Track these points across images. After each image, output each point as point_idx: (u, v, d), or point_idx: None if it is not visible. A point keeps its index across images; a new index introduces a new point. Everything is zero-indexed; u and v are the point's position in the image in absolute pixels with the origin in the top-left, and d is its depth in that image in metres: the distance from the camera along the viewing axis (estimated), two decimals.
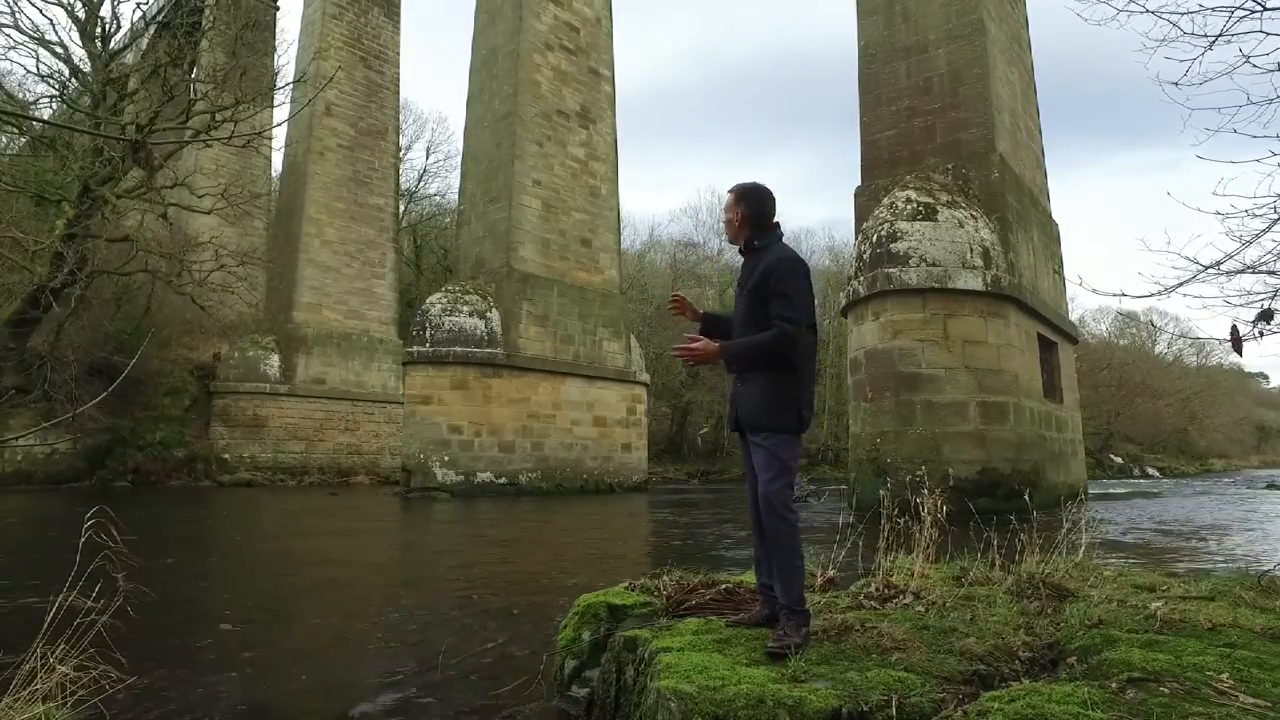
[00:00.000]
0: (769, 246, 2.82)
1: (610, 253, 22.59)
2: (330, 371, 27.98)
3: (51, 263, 18.55)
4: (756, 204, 2.88)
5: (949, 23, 14.16)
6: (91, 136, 20.60)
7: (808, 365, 2.78)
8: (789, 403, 2.71)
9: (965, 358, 11.64)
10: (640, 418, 22.49)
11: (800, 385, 2.74)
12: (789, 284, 2.69)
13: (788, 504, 2.67)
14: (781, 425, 2.70)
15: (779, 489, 2.66)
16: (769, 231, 2.86)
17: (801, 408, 2.73)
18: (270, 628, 4.28)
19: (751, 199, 2.89)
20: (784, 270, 2.70)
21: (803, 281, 2.71)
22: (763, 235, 2.85)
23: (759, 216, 2.87)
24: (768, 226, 2.87)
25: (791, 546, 2.65)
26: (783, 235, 2.90)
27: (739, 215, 2.90)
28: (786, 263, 2.71)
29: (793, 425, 2.71)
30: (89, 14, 22.25)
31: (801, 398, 2.74)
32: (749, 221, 2.88)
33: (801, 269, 2.75)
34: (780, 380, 2.71)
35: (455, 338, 18.26)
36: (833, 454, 36.36)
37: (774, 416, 2.71)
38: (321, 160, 28.52)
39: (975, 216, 12.34)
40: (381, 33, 31.32)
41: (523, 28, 20.72)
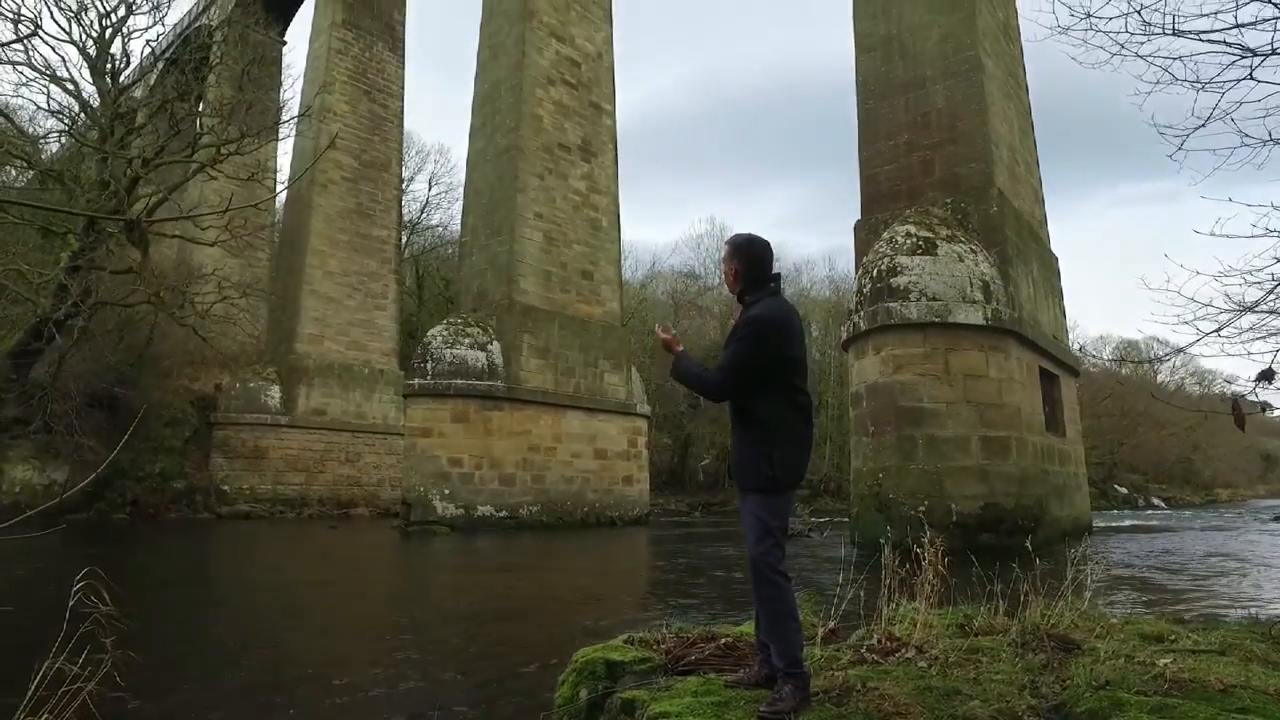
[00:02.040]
0: (757, 302, 2.82)
1: (611, 285, 22.67)
2: (331, 402, 27.95)
3: (55, 294, 18.66)
4: (750, 260, 2.88)
5: (946, 59, 14.32)
6: (98, 168, 20.90)
7: (785, 425, 2.71)
8: (762, 461, 2.68)
9: (966, 392, 11.60)
10: (641, 450, 22.40)
11: (774, 444, 2.69)
12: (740, 341, 2.73)
13: (774, 566, 2.63)
14: (755, 484, 2.68)
15: (763, 551, 2.63)
16: (761, 286, 2.86)
17: (775, 467, 2.67)
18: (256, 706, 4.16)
19: (745, 254, 2.89)
20: (746, 330, 2.73)
21: (757, 342, 2.69)
22: (754, 290, 2.86)
23: (751, 272, 2.88)
24: (760, 281, 2.87)
25: (783, 609, 2.61)
26: (777, 289, 2.89)
27: (732, 270, 2.92)
28: (754, 323, 2.72)
29: (765, 485, 2.67)
30: (100, 51, 22.62)
31: (775, 456, 2.68)
32: (742, 276, 2.89)
33: (768, 329, 2.71)
34: (752, 437, 2.71)
35: (456, 370, 18.26)
36: (834, 485, 36.14)
37: (747, 475, 2.71)
38: (325, 192, 28.76)
39: (975, 251, 12.37)
40: (386, 67, 31.75)
41: (525, 63, 20.99)
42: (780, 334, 2.71)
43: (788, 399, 2.72)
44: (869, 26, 15.45)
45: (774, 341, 2.69)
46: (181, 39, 32.32)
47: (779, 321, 2.72)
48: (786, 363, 2.72)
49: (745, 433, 2.73)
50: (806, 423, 2.77)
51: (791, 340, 2.74)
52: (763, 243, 2.94)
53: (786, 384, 2.73)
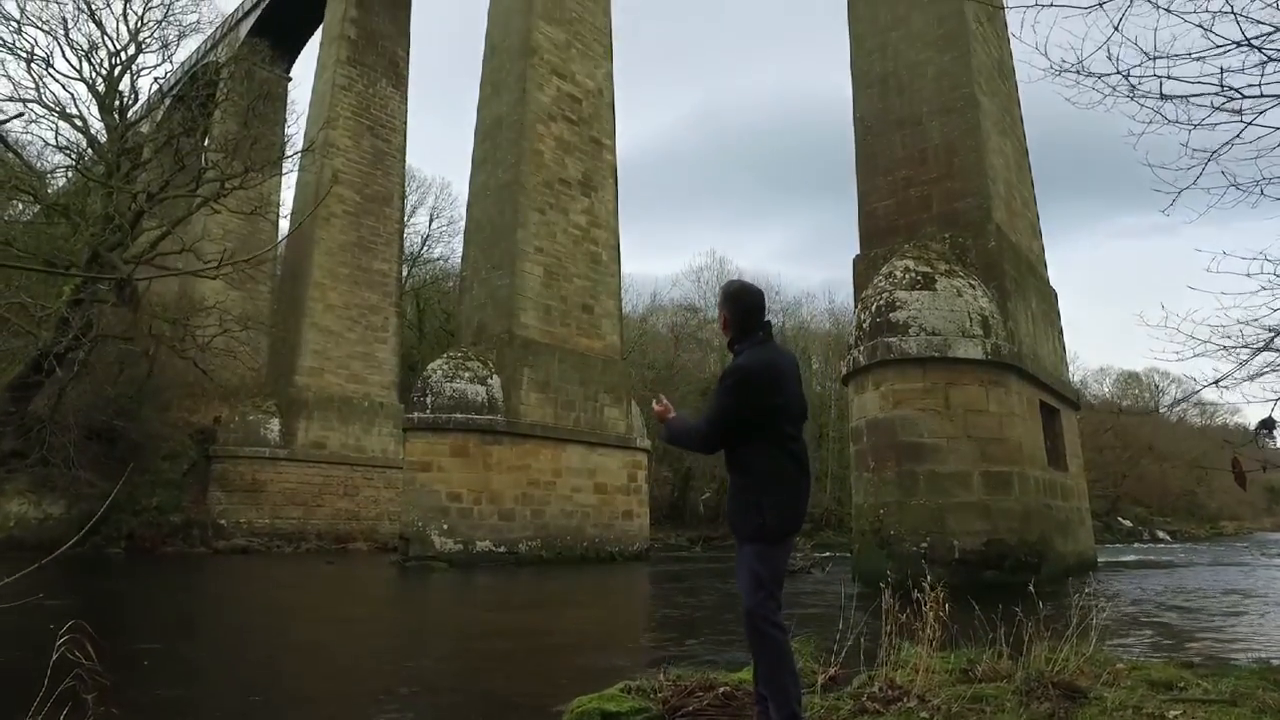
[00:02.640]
0: (744, 350, 2.82)
1: (611, 319, 22.72)
2: (330, 436, 27.86)
3: (56, 327, 18.70)
4: (739, 309, 2.90)
5: (941, 96, 14.49)
6: (103, 203, 21.08)
7: (778, 474, 2.69)
8: (755, 511, 2.66)
9: (967, 427, 11.55)
10: (641, 484, 22.26)
11: (767, 493, 2.66)
12: (723, 392, 2.74)
13: (769, 618, 2.59)
14: (749, 534, 2.66)
15: (757, 603, 2.60)
16: (749, 335, 2.87)
17: (768, 516, 2.65)
18: None
19: (735, 303, 2.91)
20: (730, 380, 2.73)
21: (739, 392, 2.69)
22: (743, 339, 2.87)
23: (741, 320, 2.88)
24: (750, 329, 2.87)
25: (778, 662, 2.56)
26: (767, 338, 2.88)
27: (723, 317, 2.93)
28: (736, 372, 2.73)
29: (758, 534, 2.65)
30: (109, 88, 22.96)
31: (768, 505, 2.66)
32: (731, 325, 2.91)
33: (750, 378, 2.71)
34: (745, 486, 2.70)
35: (456, 404, 18.21)
36: (836, 518, 35.87)
37: (741, 525, 2.70)
38: (327, 226, 28.95)
39: (974, 285, 12.41)
40: (389, 103, 32.17)
41: (526, 99, 21.26)
42: (765, 383, 2.70)
43: (780, 447, 2.70)
44: (866, 64, 15.67)
45: (758, 391, 2.68)
46: (189, 76, 32.84)
47: (763, 370, 2.72)
48: (775, 411, 2.70)
49: (738, 482, 2.71)
50: (801, 470, 2.74)
51: (779, 388, 2.73)
52: (755, 291, 2.95)
53: (778, 432, 2.71)
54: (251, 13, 36.01)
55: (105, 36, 22.70)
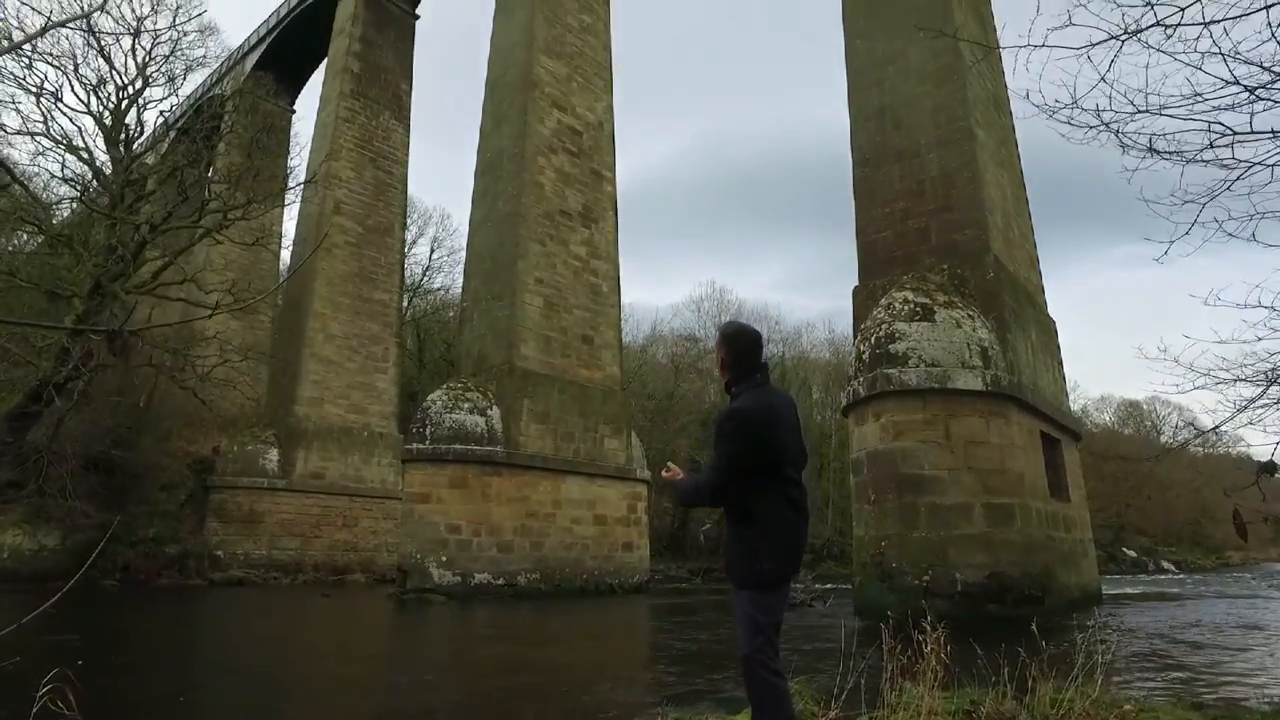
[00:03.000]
0: (742, 394, 2.81)
1: (612, 349, 22.74)
2: (329, 466, 27.75)
3: (56, 357, 18.71)
4: (736, 351, 2.89)
5: (938, 129, 14.64)
6: (106, 234, 21.24)
7: (776, 519, 2.66)
8: (752, 557, 2.64)
9: (968, 459, 11.49)
10: (641, 516, 22.12)
11: (765, 538, 2.64)
12: (725, 439, 2.70)
13: (766, 664, 2.55)
14: (746, 580, 2.63)
15: (754, 650, 2.56)
16: (747, 377, 2.86)
17: (763, 563, 2.63)
18: None
19: (732, 345, 2.90)
20: (726, 427, 2.71)
21: (742, 438, 2.66)
22: (740, 380, 2.86)
23: (738, 362, 2.87)
24: (747, 371, 2.86)
25: (776, 707, 2.53)
26: (765, 380, 2.87)
27: (720, 359, 2.92)
28: (735, 417, 2.70)
29: (752, 580, 2.63)
30: (115, 121, 23.23)
31: (763, 552, 2.63)
32: (728, 367, 2.90)
33: (749, 423, 2.68)
34: (740, 533, 2.67)
35: (455, 435, 18.16)
36: (837, 549, 35.60)
37: (738, 571, 2.68)
38: (329, 256, 29.10)
39: (973, 316, 12.42)
40: (392, 135, 32.51)
41: (527, 132, 21.48)
42: (764, 426, 2.68)
43: (779, 491, 2.68)
44: (864, 97, 15.85)
45: (759, 435, 2.66)
46: (194, 109, 33.24)
47: (762, 414, 2.70)
48: (775, 455, 2.68)
49: (736, 527, 2.69)
50: (799, 515, 2.72)
51: (778, 431, 2.71)
52: (751, 333, 2.94)
53: (778, 476, 2.69)
54: (257, 47, 36.60)
55: (114, 71, 23.03)
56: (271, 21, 36.77)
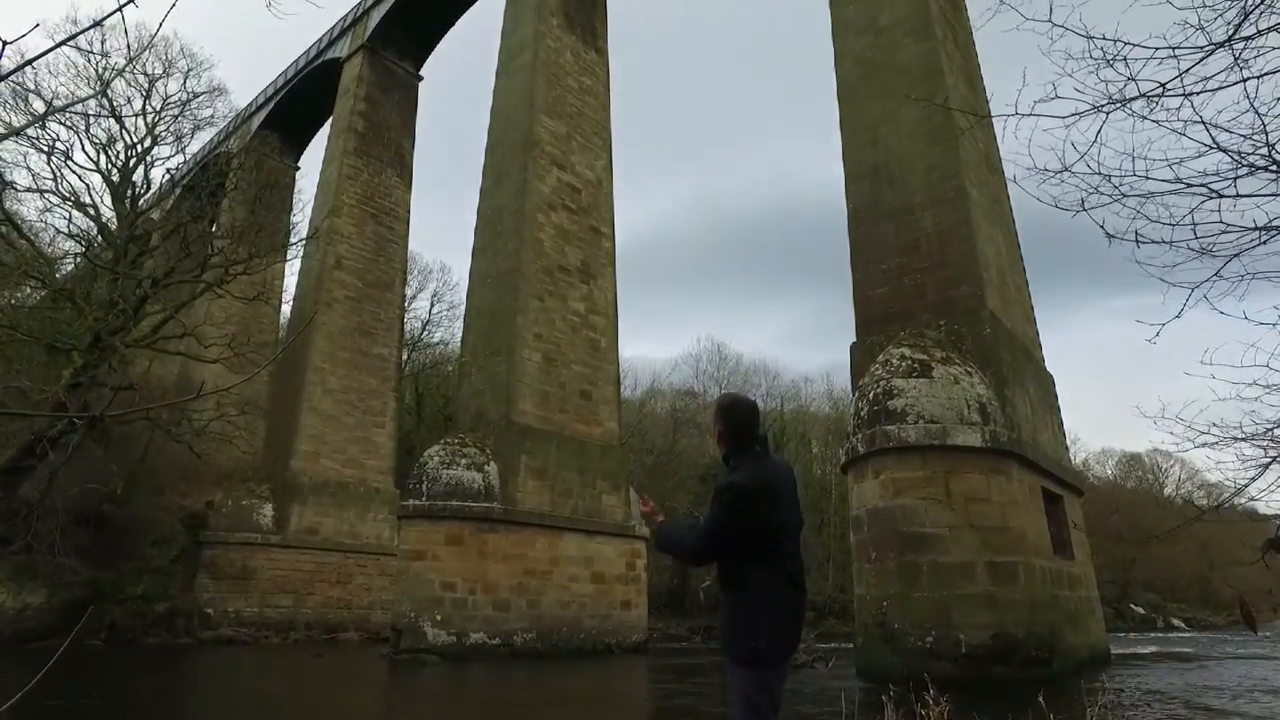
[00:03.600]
0: (739, 466, 2.79)
1: (610, 405, 22.70)
2: (324, 521, 27.42)
3: (53, 410, 18.62)
4: (732, 423, 2.87)
5: (932, 187, 14.87)
6: (109, 288, 21.39)
7: (772, 594, 2.60)
8: (746, 633, 2.58)
9: (969, 516, 11.37)
10: (640, 573, 21.78)
11: (762, 614, 2.58)
12: (720, 507, 2.67)
13: None
14: (742, 657, 2.57)
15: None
16: (744, 449, 2.83)
17: (759, 641, 2.56)
18: None
19: (728, 417, 2.88)
20: (725, 496, 2.68)
21: (735, 509, 2.63)
22: (737, 453, 2.84)
23: (735, 434, 2.86)
24: (744, 443, 2.84)
25: None
26: (763, 452, 2.85)
27: (717, 432, 2.90)
28: (731, 489, 2.68)
29: (748, 658, 2.56)
30: (123, 179, 23.63)
31: (759, 629, 2.57)
32: (725, 439, 2.87)
33: (746, 495, 2.65)
34: (738, 607, 2.61)
35: (452, 491, 17.99)
36: (839, 606, 34.96)
37: (734, 647, 2.61)
38: (329, 311, 29.26)
39: (970, 372, 12.44)
40: (393, 191, 33.01)
41: (527, 189, 21.82)
42: (761, 500, 2.65)
43: (775, 565, 2.63)
44: (858, 156, 16.15)
45: (753, 508, 2.63)
46: (200, 166, 33.84)
47: (759, 488, 2.67)
48: (772, 529, 2.65)
49: (732, 601, 2.63)
50: (797, 590, 2.66)
51: (775, 505, 2.67)
52: (747, 405, 2.93)
53: (775, 550, 2.64)
54: (264, 107, 37.44)
55: (124, 130, 23.50)
56: (279, 82, 37.70)
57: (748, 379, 45.55)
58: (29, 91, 22.07)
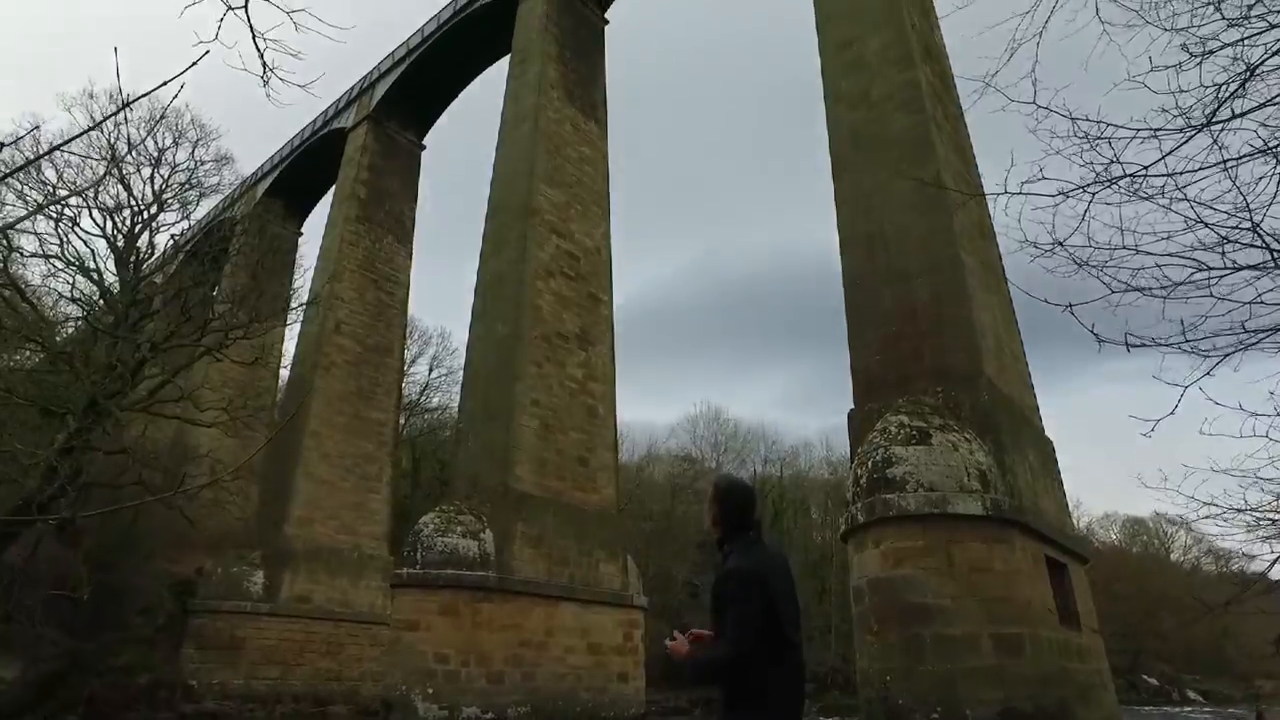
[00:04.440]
0: (734, 552, 2.73)
1: (608, 472, 22.53)
2: (316, 589, 26.89)
3: (43, 475, 18.42)
4: (728, 507, 2.83)
5: (926, 255, 15.03)
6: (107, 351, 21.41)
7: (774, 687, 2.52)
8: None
9: (972, 586, 11.16)
10: (637, 644, 21.25)
11: (764, 708, 2.48)
12: (734, 603, 2.57)
13: None
14: None
15: None
16: (740, 533, 2.79)
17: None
18: None
19: (724, 501, 2.84)
20: (730, 589, 2.60)
21: (749, 602, 2.54)
22: (733, 538, 2.79)
23: (729, 519, 2.81)
24: (739, 529, 2.80)
25: None
26: (757, 538, 2.80)
27: (711, 516, 2.86)
28: (734, 579, 2.61)
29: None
30: (127, 244, 23.91)
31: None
32: (719, 523, 2.83)
33: (751, 585, 2.57)
34: (738, 701, 2.50)
35: (447, 560, 17.69)
36: (842, 677, 34.05)
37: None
38: (327, 375, 29.29)
39: (969, 439, 12.37)
40: (394, 257, 33.43)
41: (527, 257, 22.09)
42: (763, 587, 2.60)
43: (776, 655, 2.55)
44: (852, 224, 16.36)
45: (759, 595, 2.57)
46: (204, 231, 34.31)
47: (760, 575, 2.62)
48: (773, 619, 2.58)
49: (731, 695, 2.53)
50: (798, 682, 2.58)
51: (775, 593, 2.62)
52: (744, 489, 2.89)
53: (776, 639, 2.57)
54: (269, 175, 38.24)
55: (131, 197, 23.88)
56: (285, 150, 38.58)
57: (746, 444, 45.36)
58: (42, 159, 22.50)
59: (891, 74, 16.96)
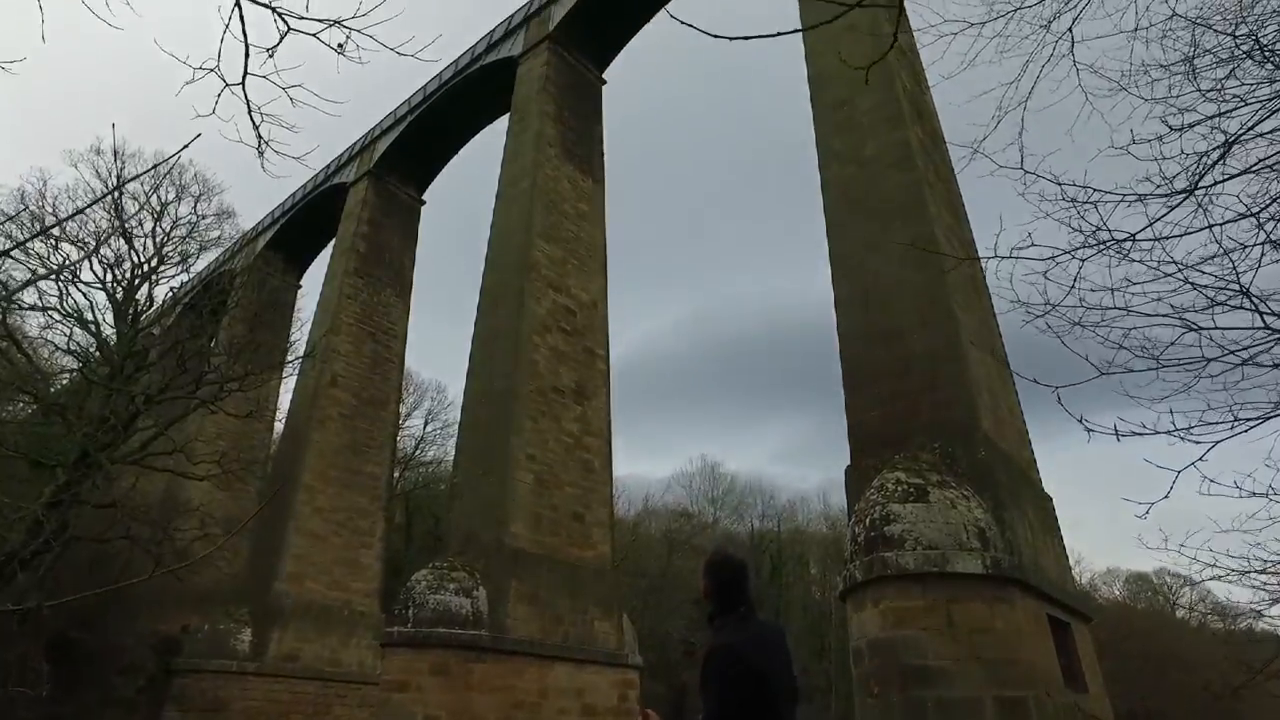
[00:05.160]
0: (723, 627, 2.69)
1: (603, 527, 22.28)
2: (305, 647, 26.27)
3: (29, 529, 18.12)
4: (719, 582, 2.81)
5: (920, 311, 15.11)
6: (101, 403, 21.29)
7: None
8: None
9: (974, 648, 10.94)
10: (633, 705, 20.70)
11: None
12: (708, 685, 2.53)
13: None
14: None
15: None
16: (730, 609, 2.75)
17: None
18: None
19: (715, 575, 2.82)
20: (711, 668, 2.56)
21: (730, 683, 2.49)
22: (723, 613, 2.75)
23: (721, 593, 2.78)
24: (731, 603, 2.76)
25: None
26: (748, 614, 2.75)
27: (704, 588, 2.83)
28: (716, 658, 2.57)
29: None
30: (126, 297, 24.01)
31: None
32: (710, 597, 2.80)
33: (736, 663, 2.53)
34: None
35: (439, 618, 17.34)
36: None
37: None
38: (322, 428, 29.13)
39: (967, 496, 12.28)
40: (392, 311, 33.57)
41: (524, 312, 22.19)
42: (750, 664, 2.55)
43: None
44: (847, 281, 16.49)
45: (747, 672, 2.52)
46: (203, 284, 34.53)
47: (742, 653, 2.57)
48: (760, 695, 2.52)
49: None
50: None
51: (765, 669, 2.56)
52: (736, 563, 2.86)
53: (765, 715, 2.51)
54: (269, 229, 38.65)
55: (132, 251, 24.07)
56: (287, 204, 39.08)
57: (743, 499, 44.95)
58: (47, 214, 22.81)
59: (883, 133, 17.31)
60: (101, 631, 22.06)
